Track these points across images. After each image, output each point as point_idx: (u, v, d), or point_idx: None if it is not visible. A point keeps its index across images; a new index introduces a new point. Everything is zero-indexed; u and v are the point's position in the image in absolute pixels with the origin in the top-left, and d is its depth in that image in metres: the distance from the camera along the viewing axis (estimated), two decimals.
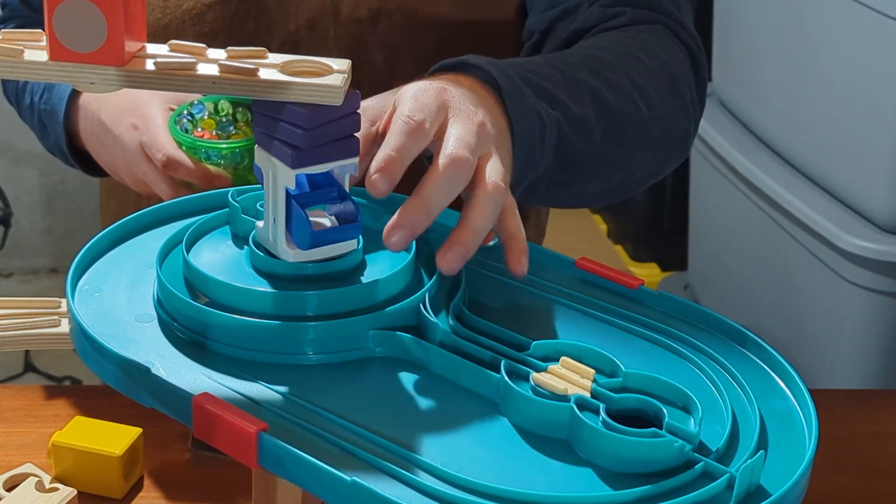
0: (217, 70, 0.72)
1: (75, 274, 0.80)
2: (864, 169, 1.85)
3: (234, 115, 1.05)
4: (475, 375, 0.72)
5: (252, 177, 1.03)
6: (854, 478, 1.01)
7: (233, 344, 0.74)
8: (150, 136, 1.04)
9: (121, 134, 1.07)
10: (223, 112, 1.05)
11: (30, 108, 1.19)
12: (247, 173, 1.03)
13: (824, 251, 1.89)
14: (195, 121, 1.05)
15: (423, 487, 0.64)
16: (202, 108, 1.05)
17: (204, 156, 1.02)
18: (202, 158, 1.02)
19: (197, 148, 1.02)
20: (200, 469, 0.98)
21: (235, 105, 1.06)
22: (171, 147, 1.02)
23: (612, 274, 0.83)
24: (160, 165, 1.02)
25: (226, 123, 1.05)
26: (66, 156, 1.17)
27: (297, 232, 0.77)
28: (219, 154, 1.02)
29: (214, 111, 1.05)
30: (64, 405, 1.06)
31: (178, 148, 1.03)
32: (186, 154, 1.02)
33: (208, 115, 1.05)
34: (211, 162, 1.03)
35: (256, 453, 0.66)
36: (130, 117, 1.06)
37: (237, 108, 1.06)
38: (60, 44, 0.71)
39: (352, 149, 0.76)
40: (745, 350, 0.78)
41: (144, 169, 1.05)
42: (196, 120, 1.05)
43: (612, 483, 0.66)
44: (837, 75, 1.87)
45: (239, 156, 1.03)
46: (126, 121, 1.07)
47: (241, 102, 1.06)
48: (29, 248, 2.92)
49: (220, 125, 1.04)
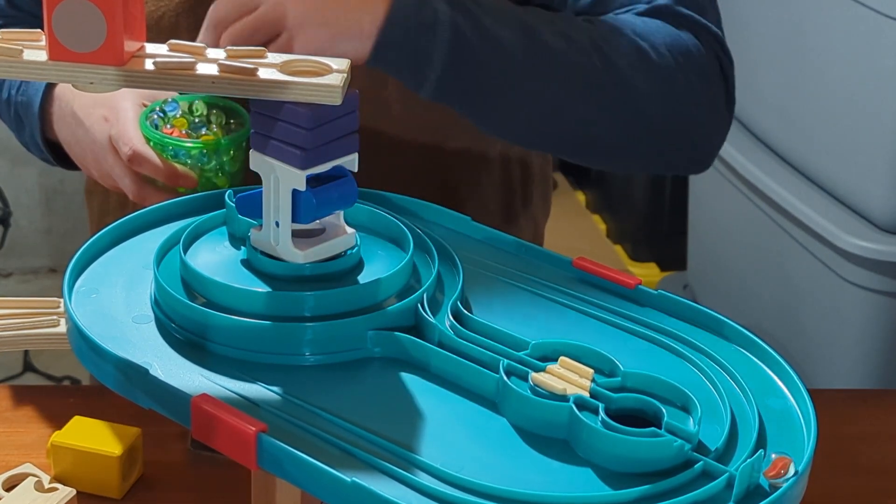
0: (216, 70, 0.72)
1: (72, 275, 0.80)
2: (864, 169, 1.85)
3: (209, 116, 1.05)
4: (474, 375, 0.72)
5: (219, 179, 1.02)
6: (853, 478, 1.01)
7: (231, 345, 0.74)
8: (118, 129, 1.03)
9: (91, 125, 1.06)
10: (197, 112, 1.04)
11: (6, 102, 1.18)
12: (213, 175, 1.02)
13: (824, 251, 1.89)
14: (167, 118, 1.04)
15: (422, 487, 0.64)
16: (176, 106, 1.04)
17: (171, 153, 1.01)
18: (169, 156, 1.01)
19: (164, 145, 1.01)
20: (199, 469, 0.98)
21: (210, 107, 1.05)
22: (139, 142, 1.01)
23: (610, 273, 0.83)
24: (126, 159, 1.01)
25: (198, 124, 1.04)
26: (40, 147, 1.17)
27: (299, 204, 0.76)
28: (186, 153, 1.01)
29: (188, 111, 1.05)
30: (63, 405, 1.06)
31: (146, 143, 1.02)
32: (154, 150, 1.01)
33: (181, 114, 1.04)
34: (178, 160, 1.02)
35: (255, 454, 0.66)
36: (102, 109, 1.06)
37: (212, 109, 1.05)
38: (60, 44, 0.71)
39: (351, 145, 0.76)
40: (744, 350, 0.78)
41: (111, 162, 1.04)
42: (168, 117, 1.04)
43: (611, 482, 0.66)
44: (837, 75, 1.87)
45: (206, 157, 1.02)
46: (97, 112, 1.06)
47: (216, 104, 1.05)
48: (28, 248, 2.92)
49: (192, 125, 1.04)
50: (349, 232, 0.79)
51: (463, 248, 0.85)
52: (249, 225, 0.80)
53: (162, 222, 0.87)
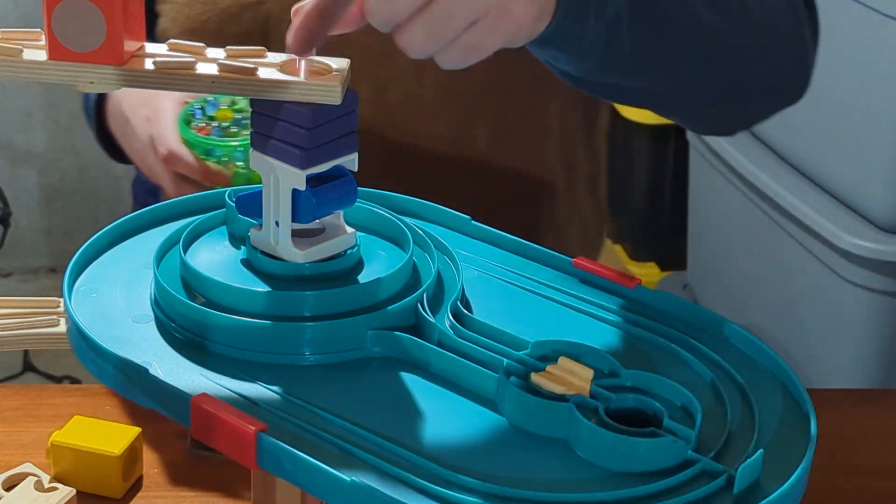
0: (216, 69, 0.72)
1: (72, 274, 0.80)
2: (864, 169, 1.85)
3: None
4: (473, 375, 0.72)
5: (254, 175, 1.03)
6: (853, 478, 1.01)
7: (231, 344, 0.74)
8: (158, 129, 1.06)
9: (136, 125, 1.10)
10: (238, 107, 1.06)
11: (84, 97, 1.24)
12: (248, 171, 1.03)
13: (824, 251, 1.89)
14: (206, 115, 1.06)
15: (422, 487, 0.64)
16: (216, 104, 1.06)
17: (205, 152, 1.03)
18: (203, 155, 1.03)
19: (198, 144, 1.03)
20: (199, 469, 0.98)
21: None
22: (175, 141, 1.04)
23: (610, 273, 0.83)
24: (161, 159, 1.04)
25: (241, 119, 1.06)
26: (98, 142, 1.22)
27: (299, 203, 0.76)
28: (220, 152, 1.03)
29: (231, 105, 1.06)
30: (63, 405, 1.06)
31: (183, 143, 1.04)
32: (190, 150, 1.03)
33: (227, 106, 1.06)
34: (212, 159, 1.03)
35: (255, 454, 0.66)
36: (145, 109, 1.10)
37: None
38: (59, 43, 0.71)
39: (351, 145, 0.76)
40: (743, 349, 0.78)
41: (153, 161, 1.07)
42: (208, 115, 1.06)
43: (611, 482, 0.66)
44: (837, 75, 1.87)
45: (239, 154, 1.03)
46: (141, 112, 1.10)
47: None
48: (28, 247, 2.92)
49: (234, 120, 1.05)
50: (349, 231, 0.79)
51: (463, 248, 0.85)
52: (249, 225, 0.80)
53: (162, 222, 0.87)
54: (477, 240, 0.88)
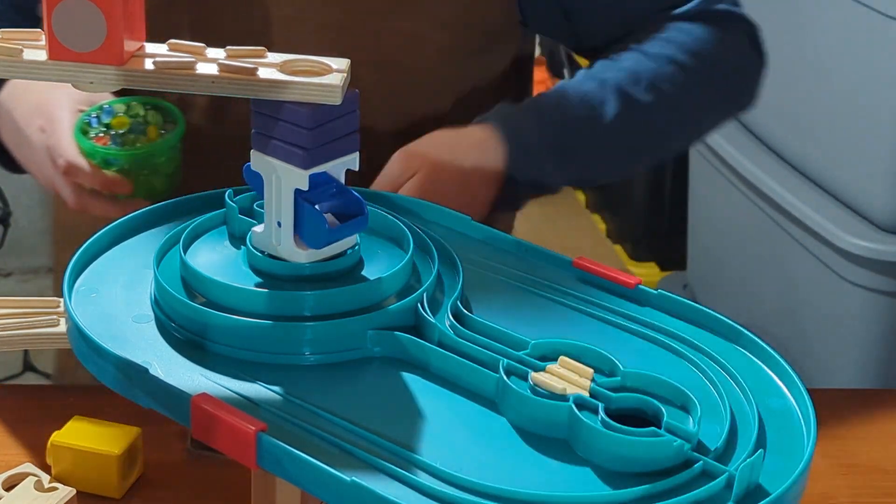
0: (216, 69, 0.72)
1: (72, 274, 0.80)
2: (864, 169, 1.85)
3: (146, 117, 1.04)
4: (474, 375, 0.72)
5: (156, 181, 1.02)
6: (853, 477, 1.01)
7: (231, 344, 0.74)
8: (53, 140, 1.03)
9: (30, 135, 1.06)
10: (134, 113, 1.04)
11: None
12: (150, 177, 1.02)
13: (824, 251, 1.89)
14: (102, 123, 1.04)
15: (422, 487, 0.64)
16: (111, 111, 1.04)
17: (104, 163, 1.01)
18: (103, 165, 1.01)
19: (96, 154, 1.01)
20: (199, 469, 0.98)
21: (147, 107, 1.05)
22: (72, 152, 1.01)
23: (610, 273, 0.83)
24: (61, 171, 1.02)
25: (138, 125, 1.04)
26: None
27: (310, 232, 0.76)
28: (118, 160, 1.01)
29: (126, 112, 1.04)
30: (63, 405, 1.06)
31: (80, 153, 1.01)
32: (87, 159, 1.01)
33: (122, 113, 1.04)
34: (112, 167, 1.01)
35: (255, 454, 0.66)
36: (39, 119, 1.05)
37: (149, 109, 1.05)
38: (59, 43, 0.71)
39: (352, 145, 0.76)
40: (743, 349, 0.78)
41: (51, 173, 1.04)
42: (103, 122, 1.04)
43: (611, 482, 0.66)
44: (837, 75, 1.87)
45: (139, 162, 1.02)
46: (35, 122, 1.06)
47: (153, 105, 1.05)
48: (28, 247, 2.92)
49: (132, 126, 1.03)
50: None
51: (463, 248, 0.85)
52: (249, 224, 0.80)
53: (162, 222, 0.87)
54: (477, 240, 0.88)
